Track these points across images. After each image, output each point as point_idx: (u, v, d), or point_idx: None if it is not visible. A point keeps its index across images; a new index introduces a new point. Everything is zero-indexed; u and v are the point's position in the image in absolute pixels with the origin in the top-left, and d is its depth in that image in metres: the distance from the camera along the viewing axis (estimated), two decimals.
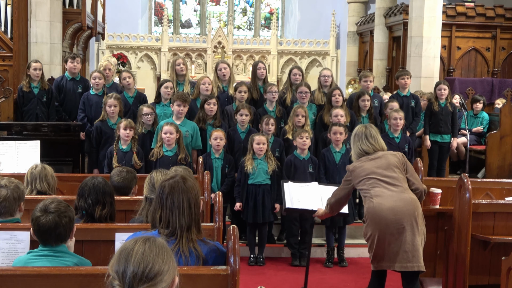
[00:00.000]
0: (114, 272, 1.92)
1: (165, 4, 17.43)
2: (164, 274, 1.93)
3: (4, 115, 7.54)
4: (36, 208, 3.09)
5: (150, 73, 15.33)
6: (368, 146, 4.50)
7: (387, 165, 4.39)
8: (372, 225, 4.29)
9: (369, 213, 4.32)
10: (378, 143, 4.53)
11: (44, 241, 3.04)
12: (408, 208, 4.24)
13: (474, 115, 9.02)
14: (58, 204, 3.08)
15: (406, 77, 7.72)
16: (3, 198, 3.56)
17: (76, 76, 7.51)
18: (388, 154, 4.50)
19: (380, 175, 4.35)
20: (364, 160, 4.46)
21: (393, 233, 4.22)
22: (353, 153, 4.60)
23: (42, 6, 8.95)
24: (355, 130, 4.65)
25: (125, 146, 6.13)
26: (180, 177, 2.84)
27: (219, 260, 2.84)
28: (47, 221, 3.00)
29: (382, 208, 4.23)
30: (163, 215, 2.79)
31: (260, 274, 6.06)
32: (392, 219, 4.21)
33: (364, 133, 4.53)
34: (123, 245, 1.99)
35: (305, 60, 15.92)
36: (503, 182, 5.91)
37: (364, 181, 4.39)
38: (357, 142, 4.55)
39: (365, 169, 4.40)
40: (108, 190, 3.79)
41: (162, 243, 2.00)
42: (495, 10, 11.38)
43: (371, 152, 4.48)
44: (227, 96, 7.25)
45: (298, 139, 6.25)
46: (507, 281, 3.92)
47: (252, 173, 6.19)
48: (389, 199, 4.26)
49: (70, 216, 3.09)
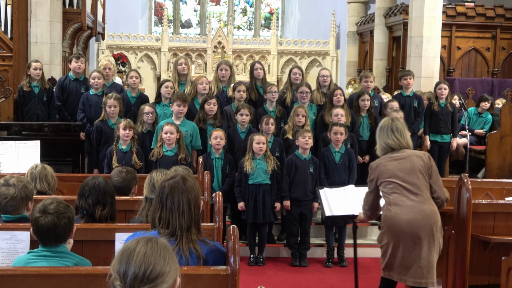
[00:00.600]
0: (115, 272, 1.92)
1: (165, 4, 17.43)
2: (166, 275, 1.93)
3: (4, 115, 7.54)
4: (35, 209, 3.09)
5: (150, 73, 15.33)
6: (394, 141, 4.26)
7: (410, 169, 4.17)
8: (388, 234, 4.15)
9: (386, 221, 4.17)
10: (404, 139, 4.28)
11: (43, 241, 3.04)
12: (426, 223, 4.08)
13: (478, 114, 8.95)
14: (57, 205, 3.07)
15: (409, 77, 7.71)
16: (10, 197, 3.58)
17: (79, 77, 7.50)
18: (414, 155, 4.25)
19: (401, 180, 4.15)
20: (388, 159, 4.25)
21: (409, 246, 4.08)
22: (378, 147, 4.37)
23: (42, 6, 8.95)
24: (381, 123, 4.41)
25: (124, 146, 6.14)
26: (180, 177, 2.83)
27: (219, 260, 2.84)
28: (46, 222, 3.00)
29: (400, 219, 4.08)
30: (163, 215, 2.79)
31: (260, 274, 6.06)
32: (408, 232, 4.06)
33: (390, 127, 4.29)
34: (125, 245, 1.99)
35: (305, 60, 15.92)
36: (503, 182, 5.92)
37: (385, 184, 4.21)
38: (382, 136, 4.32)
39: (388, 170, 4.20)
40: (109, 190, 3.79)
41: (164, 243, 2.00)
42: (495, 10, 11.38)
43: (396, 148, 4.25)
44: (226, 97, 7.25)
45: (300, 138, 6.25)
46: (507, 281, 3.92)
47: (252, 173, 6.19)
48: (408, 210, 4.09)
49: (69, 217, 3.09)
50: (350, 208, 4.90)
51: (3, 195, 3.60)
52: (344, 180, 6.31)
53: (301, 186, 6.26)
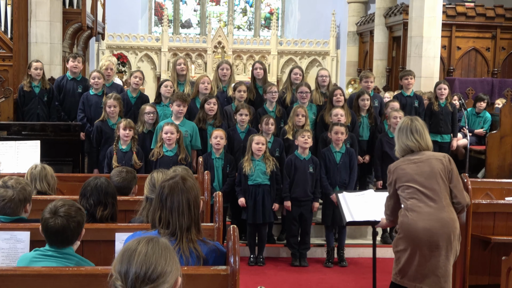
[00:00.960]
0: (116, 272, 1.92)
1: (165, 4, 17.43)
2: (167, 276, 1.92)
3: (4, 115, 7.54)
4: (46, 209, 3.05)
5: (150, 73, 15.32)
6: (414, 143, 4.12)
7: (430, 173, 4.02)
8: (405, 241, 4.03)
9: (402, 228, 4.05)
10: (423, 140, 4.14)
11: (50, 241, 3.02)
12: (444, 231, 3.95)
13: (476, 114, 8.97)
14: (68, 208, 3.04)
15: (410, 77, 7.70)
16: (8, 199, 3.57)
17: (77, 76, 7.50)
18: (433, 158, 4.10)
19: (420, 185, 4.01)
20: (406, 162, 4.10)
21: (425, 254, 3.97)
22: (397, 148, 4.23)
23: (42, 6, 8.94)
24: (400, 123, 4.27)
25: (124, 146, 6.14)
26: (180, 177, 2.83)
27: (219, 260, 2.84)
28: (55, 224, 2.97)
29: (417, 227, 3.96)
30: (163, 215, 2.79)
31: (260, 274, 6.06)
32: (426, 240, 3.95)
33: (410, 128, 4.14)
34: (126, 245, 1.99)
35: (305, 60, 15.92)
36: (503, 182, 5.92)
37: (403, 188, 4.07)
38: (402, 137, 4.16)
39: (406, 174, 4.06)
40: (111, 191, 3.80)
41: (166, 243, 2.00)
42: (495, 10, 11.38)
43: (416, 149, 4.11)
44: (226, 97, 7.25)
45: (299, 138, 6.24)
46: (507, 281, 3.92)
47: (251, 174, 6.19)
48: (426, 217, 3.96)
49: (79, 220, 3.06)
50: (371, 214, 4.75)
51: (1, 197, 3.58)
52: (345, 180, 6.31)
53: (301, 186, 6.26)
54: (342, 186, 6.31)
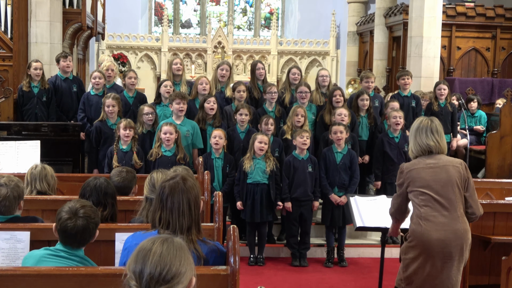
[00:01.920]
0: (131, 272, 1.91)
1: (165, 4, 17.43)
2: (182, 276, 1.92)
3: (4, 115, 7.54)
4: (63, 209, 3.02)
5: (150, 73, 15.32)
6: (435, 143, 3.96)
7: (446, 181, 3.88)
8: (416, 250, 3.90)
9: (415, 236, 3.91)
10: (442, 141, 4.01)
11: (65, 241, 3.00)
12: (458, 243, 3.84)
13: (471, 115, 9.02)
14: (88, 209, 3.03)
15: (407, 77, 7.71)
16: (3, 197, 3.55)
17: (69, 76, 7.51)
18: (450, 165, 3.95)
19: (435, 193, 3.87)
20: (422, 166, 3.95)
21: (437, 265, 3.85)
22: (413, 148, 4.05)
23: (42, 6, 8.94)
24: (418, 122, 4.10)
25: (125, 146, 6.14)
26: (180, 177, 2.83)
27: (219, 260, 2.84)
28: (75, 225, 2.95)
29: (431, 237, 3.83)
30: (163, 215, 2.79)
31: (260, 274, 6.06)
32: (439, 251, 3.84)
33: (430, 127, 3.99)
34: (141, 245, 1.98)
35: (305, 60, 15.92)
36: (503, 182, 5.93)
37: (416, 193, 3.93)
38: (421, 136, 3.99)
39: (421, 179, 3.91)
40: (110, 191, 3.79)
41: (181, 243, 1.99)
42: (495, 10, 11.37)
43: (435, 150, 3.96)
44: (224, 97, 7.25)
45: (298, 138, 6.24)
46: (507, 281, 3.93)
47: (250, 172, 6.19)
48: (440, 227, 3.83)
49: (97, 222, 3.06)
50: (382, 220, 4.65)
51: None
52: (344, 181, 6.31)
53: (301, 187, 6.26)
54: (341, 186, 6.31)
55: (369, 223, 4.74)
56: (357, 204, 4.90)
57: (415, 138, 4.04)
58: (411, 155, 4.10)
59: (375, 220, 4.73)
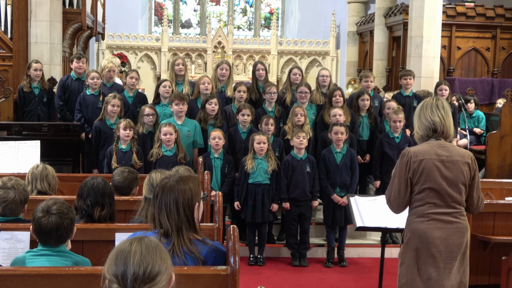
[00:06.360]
0: (112, 275, 1.91)
1: (165, 4, 17.43)
2: (163, 273, 1.94)
3: (4, 115, 7.55)
4: (37, 208, 3.07)
5: (150, 73, 15.32)
6: (440, 118, 3.70)
7: (455, 180, 3.68)
8: (416, 251, 3.70)
9: (414, 235, 3.70)
10: (448, 119, 3.75)
11: (44, 241, 3.04)
12: (460, 241, 3.69)
13: (469, 115, 9.03)
14: (60, 205, 3.06)
15: (409, 77, 7.70)
16: (10, 200, 3.58)
17: (81, 77, 7.51)
18: (462, 161, 3.72)
19: (444, 192, 3.66)
20: (434, 157, 3.67)
21: (439, 267, 3.67)
22: (418, 127, 3.76)
23: (42, 6, 8.94)
24: (423, 102, 3.85)
25: (124, 146, 6.13)
26: (175, 177, 2.80)
27: (219, 260, 2.83)
28: (48, 222, 2.99)
29: (433, 236, 3.65)
30: (155, 215, 2.79)
31: (260, 274, 6.06)
32: (442, 251, 3.66)
33: (436, 104, 3.74)
34: (118, 247, 1.99)
35: (305, 60, 15.92)
36: (503, 182, 5.93)
37: (421, 186, 3.67)
38: (425, 113, 3.73)
39: (431, 174, 3.65)
40: (108, 191, 3.79)
41: (155, 241, 2.01)
42: (495, 10, 11.37)
43: (440, 128, 3.71)
44: (224, 97, 7.25)
45: (294, 139, 6.25)
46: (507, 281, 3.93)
47: (252, 172, 6.19)
48: (443, 226, 3.66)
49: (71, 218, 3.09)
50: (383, 220, 4.56)
51: (2, 198, 3.59)
52: (346, 181, 6.31)
53: (300, 186, 6.26)
54: (342, 186, 6.31)
55: (369, 223, 4.69)
56: (357, 204, 4.85)
57: (419, 118, 3.77)
58: (416, 136, 3.82)
59: (375, 220, 4.69)
